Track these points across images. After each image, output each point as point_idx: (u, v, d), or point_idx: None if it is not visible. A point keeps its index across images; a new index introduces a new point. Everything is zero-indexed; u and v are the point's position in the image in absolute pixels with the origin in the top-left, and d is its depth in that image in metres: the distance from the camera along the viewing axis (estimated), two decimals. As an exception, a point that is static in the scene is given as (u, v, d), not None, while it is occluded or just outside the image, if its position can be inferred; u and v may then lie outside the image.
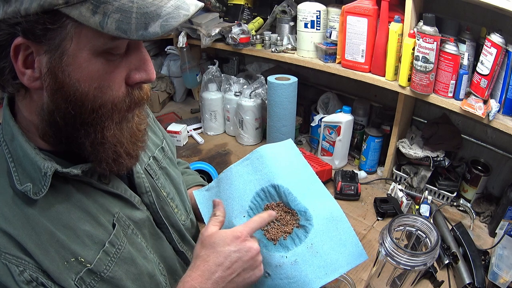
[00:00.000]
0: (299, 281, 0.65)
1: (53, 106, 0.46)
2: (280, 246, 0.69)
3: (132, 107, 0.51)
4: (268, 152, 0.79)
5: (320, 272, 0.65)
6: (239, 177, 0.77)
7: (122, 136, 0.52)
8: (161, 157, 0.72)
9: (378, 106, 1.48)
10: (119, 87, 0.48)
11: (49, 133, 0.48)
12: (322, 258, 0.67)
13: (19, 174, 0.48)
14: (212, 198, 0.78)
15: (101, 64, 0.45)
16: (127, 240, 0.55)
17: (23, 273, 0.45)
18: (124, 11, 0.41)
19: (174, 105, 2.07)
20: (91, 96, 0.45)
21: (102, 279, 0.51)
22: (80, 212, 0.51)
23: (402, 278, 0.77)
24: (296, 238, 0.70)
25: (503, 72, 0.95)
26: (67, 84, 0.44)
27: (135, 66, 0.48)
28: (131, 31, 0.41)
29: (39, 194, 0.47)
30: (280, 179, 0.75)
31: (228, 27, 1.57)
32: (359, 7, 1.14)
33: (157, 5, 0.43)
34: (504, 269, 0.85)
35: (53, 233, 0.48)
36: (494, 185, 1.23)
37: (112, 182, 0.57)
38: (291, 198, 0.73)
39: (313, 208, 0.72)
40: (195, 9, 0.46)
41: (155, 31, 0.42)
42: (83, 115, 0.46)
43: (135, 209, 0.60)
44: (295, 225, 0.71)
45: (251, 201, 0.74)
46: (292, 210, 0.73)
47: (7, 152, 0.49)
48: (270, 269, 0.67)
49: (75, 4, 0.40)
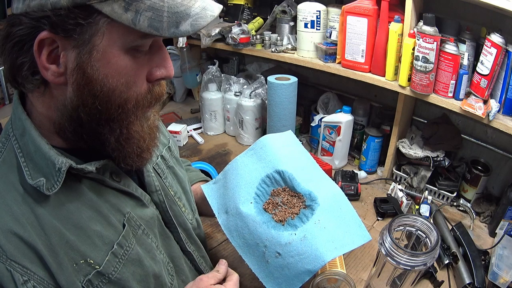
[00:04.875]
0: (310, 256, 0.65)
1: (78, 102, 0.46)
2: (289, 226, 0.70)
3: (153, 102, 0.53)
4: (270, 141, 0.82)
5: (330, 246, 0.66)
6: (244, 167, 0.78)
7: (144, 132, 0.53)
8: (168, 156, 0.73)
9: (378, 106, 1.47)
10: (142, 83, 0.49)
11: (68, 129, 0.48)
12: (330, 233, 0.68)
13: (30, 169, 0.48)
14: (220, 191, 0.79)
15: (128, 61, 0.46)
16: (136, 241, 0.55)
17: (27, 283, 0.44)
18: (155, 9, 0.42)
19: (174, 105, 2.07)
20: (117, 92, 0.46)
21: (109, 281, 0.50)
22: (91, 212, 0.51)
23: (402, 278, 0.77)
24: (304, 216, 0.71)
25: (503, 72, 0.95)
26: (95, 80, 0.44)
27: (156, 63, 0.50)
28: (163, 29, 0.43)
29: (52, 190, 0.47)
30: (284, 165, 0.77)
31: (228, 27, 1.57)
32: (359, 7, 1.14)
33: (186, 6, 0.44)
34: (504, 269, 0.85)
35: (63, 234, 0.47)
36: (494, 185, 1.23)
37: (123, 180, 0.57)
38: (295, 183, 0.75)
39: (317, 190, 0.74)
40: (219, 11, 0.48)
41: (186, 29, 0.44)
42: (109, 110, 0.47)
43: (145, 208, 0.60)
44: (302, 206, 0.73)
45: (257, 187, 0.76)
46: (298, 193, 0.75)
47: (17, 147, 0.49)
48: (280, 248, 0.67)
49: (108, 1, 0.41)
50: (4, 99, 1.92)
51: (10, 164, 0.49)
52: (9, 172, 0.48)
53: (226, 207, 0.75)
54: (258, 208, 0.73)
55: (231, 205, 0.74)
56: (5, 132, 0.51)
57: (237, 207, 0.72)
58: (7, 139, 0.50)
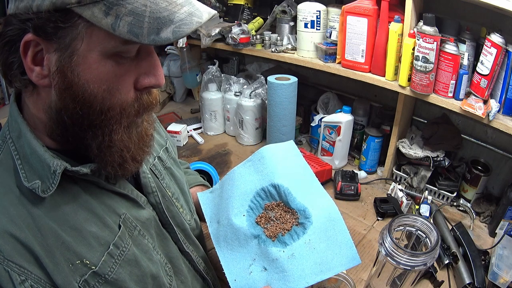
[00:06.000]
0: (294, 275, 0.65)
1: (61, 105, 0.45)
2: (278, 242, 0.70)
3: (141, 111, 0.50)
4: (269, 153, 0.80)
5: (316, 269, 0.65)
6: (240, 178, 0.78)
7: (130, 141, 0.51)
8: (166, 157, 0.72)
9: (378, 106, 1.48)
10: (128, 90, 0.47)
11: (56, 132, 0.48)
12: (318, 255, 0.67)
13: (26, 171, 0.47)
14: (215, 200, 0.79)
15: (111, 66, 0.44)
16: (132, 242, 0.55)
17: (24, 283, 0.44)
18: (136, 14, 0.41)
19: (174, 105, 2.07)
20: (99, 98, 0.45)
21: (106, 281, 0.50)
22: (87, 213, 0.51)
23: (402, 278, 0.77)
24: (295, 234, 0.70)
25: (503, 72, 0.95)
26: (76, 84, 0.44)
27: (144, 71, 0.48)
28: (143, 35, 0.41)
29: (47, 192, 0.46)
30: (280, 178, 0.76)
31: (228, 27, 1.57)
32: (359, 7, 1.14)
33: (170, 11, 0.42)
34: (504, 269, 0.85)
35: (59, 235, 0.47)
36: (494, 185, 1.23)
37: (118, 182, 0.56)
38: (290, 198, 0.74)
39: (312, 207, 0.72)
40: (208, 17, 0.45)
41: (166, 37, 0.42)
42: (91, 116, 0.46)
43: (142, 209, 0.59)
44: (294, 223, 0.72)
45: (251, 200, 0.75)
46: (292, 209, 0.74)
47: (13, 149, 0.49)
48: (266, 263, 0.67)
49: (88, 4, 0.40)
50: (4, 99, 1.92)
51: (6, 166, 0.49)
52: (5, 174, 0.48)
53: (219, 217, 0.75)
54: (251, 221, 0.72)
55: (224, 215, 0.74)
56: (2, 134, 0.51)
57: (229, 218, 0.72)
58: (4, 141, 0.50)
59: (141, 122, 0.53)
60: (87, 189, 0.52)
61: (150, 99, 0.51)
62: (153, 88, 0.51)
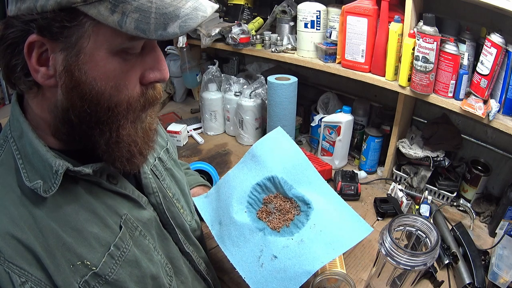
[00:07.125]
0: (309, 258, 0.65)
1: (68, 104, 0.45)
2: (285, 232, 0.71)
3: (147, 106, 0.51)
4: (259, 148, 0.82)
5: (328, 248, 0.66)
6: (236, 178, 0.79)
7: (137, 136, 0.52)
8: (166, 158, 0.72)
9: (378, 106, 1.47)
10: (134, 86, 0.48)
11: (62, 131, 0.48)
12: (326, 235, 0.68)
13: (27, 171, 0.47)
14: (212, 204, 0.80)
15: (117, 63, 0.45)
16: (133, 243, 0.55)
17: (25, 285, 0.44)
18: (143, 11, 0.41)
19: (174, 105, 2.07)
20: (107, 95, 0.45)
21: (106, 282, 0.50)
22: (88, 214, 0.51)
23: (402, 278, 0.77)
24: (299, 222, 0.71)
25: (503, 72, 0.95)
26: (84, 82, 0.44)
27: (149, 66, 0.49)
28: (150, 31, 0.41)
29: (49, 192, 0.46)
30: (274, 170, 0.78)
31: (228, 27, 1.57)
32: (359, 7, 1.14)
33: (176, 6, 0.43)
34: (504, 269, 0.85)
35: (60, 236, 0.47)
36: (494, 185, 1.23)
37: (120, 182, 0.56)
38: (287, 187, 0.75)
39: (309, 193, 0.74)
40: (212, 11, 0.46)
41: (174, 32, 0.42)
42: (98, 113, 0.46)
43: (143, 209, 0.59)
44: (296, 212, 0.73)
45: (249, 195, 0.76)
46: (290, 198, 0.75)
47: (15, 149, 0.49)
48: (276, 252, 0.67)
49: (94, 3, 0.40)
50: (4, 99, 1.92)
51: (8, 166, 0.49)
52: (7, 174, 0.48)
53: (220, 219, 0.76)
54: (252, 217, 0.73)
55: (225, 215, 0.74)
56: (4, 134, 0.51)
57: (231, 216, 0.72)
58: (5, 140, 0.50)
59: (145, 117, 0.54)
60: (88, 190, 0.52)
61: (155, 94, 0.52)
62: (158, 83, 0.52)
